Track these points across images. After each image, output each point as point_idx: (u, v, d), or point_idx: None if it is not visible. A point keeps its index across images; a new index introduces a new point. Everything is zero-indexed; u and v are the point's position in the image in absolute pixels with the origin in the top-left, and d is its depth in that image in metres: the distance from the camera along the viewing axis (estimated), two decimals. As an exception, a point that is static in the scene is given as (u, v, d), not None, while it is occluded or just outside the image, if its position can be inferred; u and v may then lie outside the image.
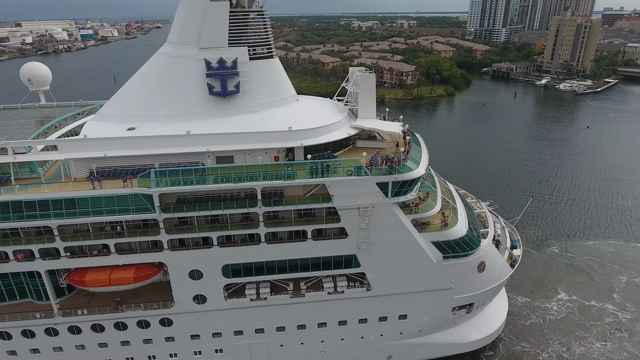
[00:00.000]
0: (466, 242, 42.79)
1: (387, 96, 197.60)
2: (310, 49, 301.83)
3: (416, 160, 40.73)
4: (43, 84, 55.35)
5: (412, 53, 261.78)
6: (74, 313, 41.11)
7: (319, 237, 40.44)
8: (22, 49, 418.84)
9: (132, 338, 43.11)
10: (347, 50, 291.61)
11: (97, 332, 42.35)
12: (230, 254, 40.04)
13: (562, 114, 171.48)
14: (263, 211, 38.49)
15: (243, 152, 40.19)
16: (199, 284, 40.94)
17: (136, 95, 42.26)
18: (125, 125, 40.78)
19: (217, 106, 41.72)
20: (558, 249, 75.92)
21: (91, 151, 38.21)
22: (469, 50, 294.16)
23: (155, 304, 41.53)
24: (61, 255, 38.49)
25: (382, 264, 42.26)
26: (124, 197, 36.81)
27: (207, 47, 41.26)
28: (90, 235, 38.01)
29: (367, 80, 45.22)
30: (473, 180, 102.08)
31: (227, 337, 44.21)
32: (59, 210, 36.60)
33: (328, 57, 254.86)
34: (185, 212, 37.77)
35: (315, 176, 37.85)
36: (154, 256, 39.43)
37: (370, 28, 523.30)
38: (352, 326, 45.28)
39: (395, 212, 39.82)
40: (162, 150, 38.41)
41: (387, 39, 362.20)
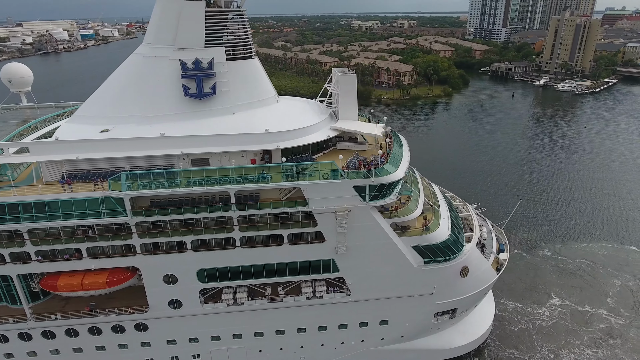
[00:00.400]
0: (448, 247, 41.96)
1: (384, 96, 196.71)
2: (309, 49, 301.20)
3: (395, 163, 39.93)
4: (24, 85, 54.81)
5: (411, 53, 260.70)
6: (48, 318, 40.45)
7: (295, 242, 39.67)
8: (22, 49, 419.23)
9: (107, 343, 42.45)
10: (346, 50, 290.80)
11: (71, 337, 41.70)
12: (205, 259, 39.32)
13: (559, 114, 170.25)
14: (237, 215, 37.75)
15: (219, 154, 39.44)
16: (174, 289, 40.23)
17: (111, 97, 41.56)
18: (100, 127, 40.10)
19: (192, 108, 40.98)
20: (550, 252, 74.93)
21: (63, 154, 37.54)
22: (468, 50, 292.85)
23: (130, 309, 40.82)
24: (32, 259, 37.84)
25: (361, 268, 41.46)
26: (94, 200, 36.12)
27: (182, 47, 40.52)
28: (61, 239, 37.34)
29: (347, 81, 44.46)
30: (464, 182, 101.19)
31: (204, 342, 43.49)
32: (29, 213, 35.94)
33: (326, 57, 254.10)
34: (157, 216, 37.06)
35: (291, 179, 37.07)
36: (127, 260, 38.73)
37: (370, 28, 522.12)
38: (332, 331, 44.50)
39: (373, 216, 39.02)
40: (135, 153, 37.73)
41: (386, 39, 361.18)
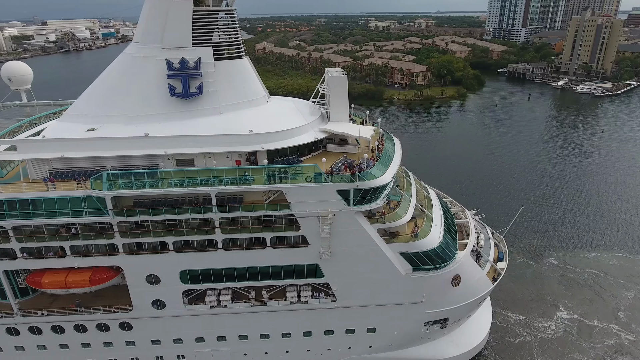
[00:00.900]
0: (438, 254, 40.61)
1: (396, 97, 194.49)
2: (323, 49, 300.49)
3: (383, 167, 38.80)
4: (24, 83, 55.65)
5: (426, 53, 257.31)
6: (34, 314, 40.83)
7: (278, 245, 39.00)
8: (45, 47, 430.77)
9: (92, 341, 42.62)
10: (360, 50, 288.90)
11: (57, 334, 41.99)
12: (188, 260, 39.00)
13: (577, 117, 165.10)
14: (219, 217, 37.28)
15: (203, 155, 39.04)
16: (157, 289, 40.05)
17: (100, 96, 41.62)
18: (88, 126, 40.17)
19: (178, 108, 40.67)
20: (557, 261, 72.26)
21: (49, 152, 37.71)
22: (485, 50, 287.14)
23: (114, 308, 40.86)
24: (17, 256, 38.18)
25: (346, 274, 40.51)
26: (77, 199, 36.15)
27: (169, 47, 40.27)
28: (45, 237, 37.55)
29: (338, 82, 43.45)
30: (470, 186, 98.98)
31: (189, 343, 43.25)
32: (14, 211, 36.23)
33: (339, 57, 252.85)
34: (139, 216, 36.88)
35: (273, 182, 36.38)
36: (110, 260, 38.73)
37: (387, 28, 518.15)
38: (318, 337, 43.69)
39: (358, 222, 38.01)
40: (119, 152, 37.63)
41: (402, 38, 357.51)
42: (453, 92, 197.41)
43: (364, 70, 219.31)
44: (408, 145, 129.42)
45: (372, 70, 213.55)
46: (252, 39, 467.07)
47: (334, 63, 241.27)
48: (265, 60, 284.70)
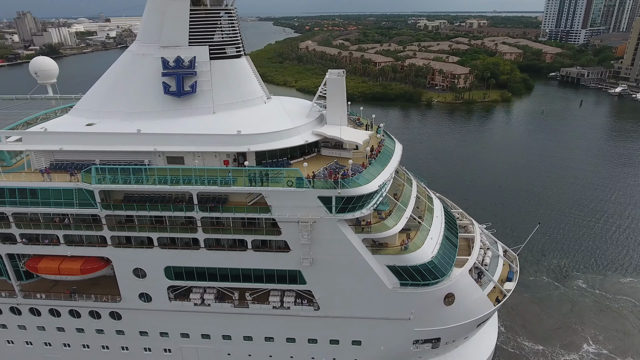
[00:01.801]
0: (428, 270, 38.26)
1: (435, 99, 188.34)
2: (366, 48, 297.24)
3: (371, 175, 37.01)
4: (49, 77, 58.93)
5: (472, 55, 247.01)
6: (34, 296, 43.08)
7: (260, 249, 38.42)
8: (105, 43, 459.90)
9: (85, 326, 44.33)
10: (403, 50, 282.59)
11: (54, 317, 44.06)
12: (172, 256, 39.41)
13: (633, 127, 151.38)
14: (200, 216, 37.32)
15: (192, 154, 39.24)
16: (144, 283, 40.85)
17: (102, 92, 43.06)
18: (89, 121, 41.68)
19: (172, 106, 41.16)
20: (586, 284, 66.49)
21: (49, 144, 39.50)
22: (537, 52, 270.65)
23: (105, 297, 42.22)
24: (17, 241, 40.39)
25: (329, 283, 39.20)
26: (69, 190, 37.56)
27: (166, 45, 40.83)
28: (41, 224, 39.42)
29: (335, 84, 42.05)
30: (494, 198, 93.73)
31: (174, 338, 43.84)
32: (13, 198, 38.30)
33: (380, 57, 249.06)
34: (124, 210, 37.74)
35: (254, 184, 35.83)
36: (99, 251, 39.99)
37: (436, 28, 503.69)
38: (301, 345, 42.72)
39: (341, 230, 36.57)
40: (112, 148, 38.63)
41: (450, 39, 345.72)
42: (496, 96, 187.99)
43: (404, 71, 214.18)
44: (437, 150, 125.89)
45: (412, 71, 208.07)
46: (297, 38, 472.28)
47: (375, 63, 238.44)
48: (307, 59, 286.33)
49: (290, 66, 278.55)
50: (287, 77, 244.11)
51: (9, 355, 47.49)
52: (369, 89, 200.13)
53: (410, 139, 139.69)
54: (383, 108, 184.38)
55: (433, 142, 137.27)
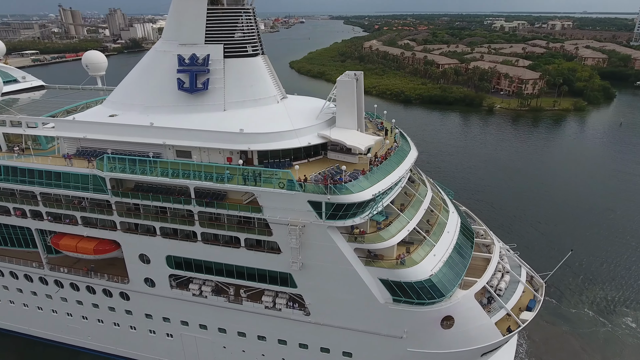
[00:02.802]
0: (424, 288, 35.91)
1: (497, 105, 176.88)
2: (431, 49, 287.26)
3: (367, 183, 35.40)
4: (99, 70, 64.01)
5: (547, 59, 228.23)
6: (57, 269, 47.16)
7: (253, 248, 38.55)
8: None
9: (99, 303, 47.64)
10: (471, 52, 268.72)
11: (74, 290, 47.92)
12: (172, 246, 40.88)
13: None
14: (197, 210, 38.29)
15: (199, 149, 40.31)
16: (148, 268, 42.89)
17: (127, 86, 45.77)
18: (114, 112, 44.51)
19: (185, 102, 42.55)
20: (636, 324, 58.68)
21: (75, 132, 42.82)
22: (625, 58, 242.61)
23: (115, 277, 45.02)
24: (44, 218, 44.40)
25: (320, 290, 38.31)
26: (85, 176, 40.44)
27: (184, 43, 42.33)
28: (62, 205, 42.93)
29: (345, 86, 40.79)
30: (539, 217, 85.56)
31: (175, 324, 45.60)
32: (41, 179, 42.11)
33: (444, 59, 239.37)
34: (131, 199, 39.83)
35: (246, 183, 35.95)
36: (110, 234, 42.64)
37: (514, 29, 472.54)
38: (292, 348, 42.32)
39: (331, 237, 35.49)
40: (126, 138, 40.83)
41: (527, 41, 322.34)
42: (568, 104, 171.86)
43: (467, 74, 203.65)
44: (489, 159, 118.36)
45: (475, 74, 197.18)
46: (364, 37, 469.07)
47: (437, 64, 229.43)
48: (368, 58, 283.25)
49: (351, 65, 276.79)
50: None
51: (39, 320, 52.54)
52: (427, 91, 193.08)
53: (462, 145, 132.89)
54: (441, 112, 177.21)
55: (487, 150, 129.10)
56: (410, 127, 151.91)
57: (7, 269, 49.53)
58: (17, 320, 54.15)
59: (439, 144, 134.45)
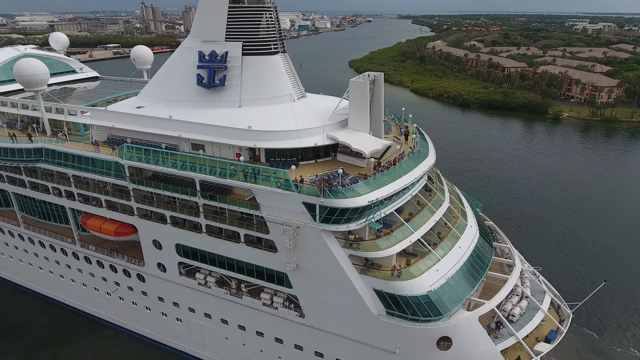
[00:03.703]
0: (420, 304, 33.98)
1: (565, 113, 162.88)
2: (499, 51, 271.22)
3: (366, 188, 34.13)
4: (145, 64, 68.07)
5: (630, 65, 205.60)
6: (86, 246, 51.09)
7: (251, 244, 38.89)
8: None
9: (120, 281, 50.90)
10: (543, 55, 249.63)
11: (99, 267, 51.65)
12: (181, 235, 42.44)
13: None
14: (202, 202, 39.37)
15: (211, 143, 41.47)
16: (160, 254, 44.98)
17: (157, 80, 48.19)
18: (142, 104, 47.12)
19: (203, 97, 43.85)
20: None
21: (106, 121, 45.95)
22: None
23: (134, 260, 47.79)
24: (76, 199, 48.24)
25: (314, 293, 37.77)
26: (109, 162, 43.27)
27: (206, 40, 43.66)
28: (90, 188, 46.31)
29: (358, 88, 39.67)
30: (583, 239, 77.06)
31: (184, 310, 47.43)
32: (73, 162, 45.75)
33: (511, 62, 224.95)
34: (145, 187, 41.94)
35: (246, 180, 36.28)
36: (128, 218, 45.26)
37: (598, 31, 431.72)
38: (288, 348, 42.21)
39: (324, 241, 34.75)
40: (147, 129, 43.09)
41: (610, 45, 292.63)
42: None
43: (534, 79, 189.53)
44: (543, 171, 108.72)
45: (543, 79, 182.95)
46: (429, 37, 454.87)
47: (503, 68, 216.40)
48: (430, 59, 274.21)
49: (411, 66, 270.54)
50: (404, 77, 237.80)
51: (71, 291, 57.39)
52: (488, 95, 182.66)
53: (519, 155, 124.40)
54: (500, 118, 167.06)
55: (547, 161, 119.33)
56: (463, 133, 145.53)
57: (47, 242, 54.58)
58: (54, 288, 59.63)
59: (492, 151, 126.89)
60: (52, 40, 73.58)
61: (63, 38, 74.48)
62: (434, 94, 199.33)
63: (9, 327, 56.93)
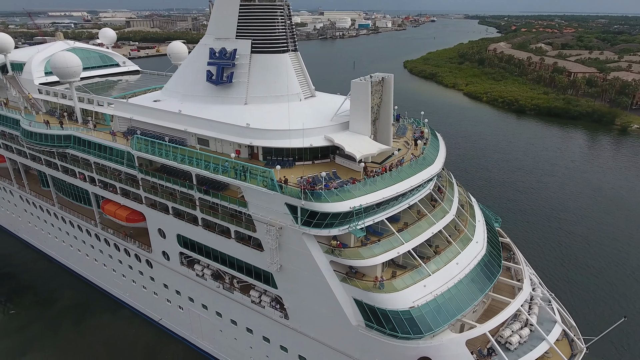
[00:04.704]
0: (399, 320, 32.18)
1: (635, 124, 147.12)
2: (567, 55, 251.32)
3: (347, 194, 32.85)
4: (179, 59, 70.55)
5: None
6: (105, 229, 54.41)
7: (241, 241, 39.10)
8: (309, 34, 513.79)
9: (133, 265, 53.65)
10: (618, 60, 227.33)
11: (116, 250, 54.80)
12: (181, 226, 43.74)
13: None
14: (198, 196, 40.25)
15: (214, 139, 42.33)
16: (164, 242, 46.74)
17: (177, 75, 50.05)
18: (162, 98, 49.13)
19: (212, 93, 44.76)
20: None
21: (125, 112, 48.53)
22: None
23: (144, 246, 50.13)
24: (96, 184, 51.49)
25: (296, 296, 37.26)
26: (122, 152, 45.64)
27: (219, 37, 44.53)
28: (107, 175, 49.16)
29: (359, 89, 38.36)
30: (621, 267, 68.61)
31: (184, 299, 48.98)
32: (93, 150, 48.83)
33: (578, 66, 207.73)
34: (151, 177, 43.69)
35: (237, 177, 36.49)
36: (137, 206, 47.50)
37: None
38: (274, 348, 42.08)
39: (305, 244, 34.03)
40: (159, 122, 44.90)
41: None
42: None
43: (602, 86, 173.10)
44: (597, 189, 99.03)
45: (613, 86, 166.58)
46: (494, 38, 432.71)
47: (569, 73, 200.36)
48: (489, 61, 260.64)
49: (468, 68, 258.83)
50: (459, 79, 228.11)
51: (94, 270, 61.55)
52: (547, 102, 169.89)
53: (572, 167, 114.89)
54: (559, 127, 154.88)
55: (605, 177, 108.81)
56: (513, 141, 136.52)
57: (75, 222, 58.91)
58: (80, 265, 64.33)
59: (542, 161, 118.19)
60: (102, 35, 79.18)
61: (111, 33, 79.83)
62: (488, 98, 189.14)
63: (40, 298, 62.32)
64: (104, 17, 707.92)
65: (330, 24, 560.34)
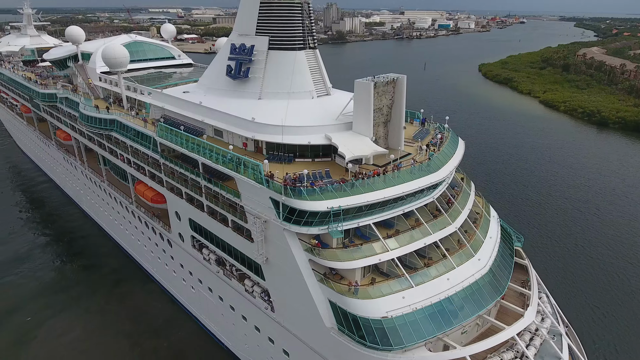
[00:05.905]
0: (369, 328, 31.24)
1: None
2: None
3: (328, 194, 32.54)
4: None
5: None
6: (138, 207, 59.39)
7: (237, 230, 40.49)
8: (385, 33, 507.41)
9: (158, 243, 57.98)
10: None
11: (146, 227, 59.58)
12: (191, 211, 46.41)
13: None
14: (203, 184, 42.43)
15: (227, 131, 44.33)
16: (179, 225, 49.92)
17: (208, 69, 53.05)
18: (192, 90, 52.39)
19: (230, 87, 46.80)
20: None
21: (159, 101, 52.59)
22: None
23: (165, 226, 53.98)
24: (132, 165, 56.38)
25: (280, 291, 37.84)
26: (150, 137, 49.45)
27: (241, 33, 46.41)
28: (138, 158, 53.59)
29: (361, 89, 37.76)
30: None
31: (195, 280, 51.92)
32: (129, 133, 53.48)
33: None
34: (169, 163, 46.87)
35: (232, 168, 37.87)
36: (160, 188, 51.21)
37: None
38: (263, 339, 43.06)
39: (286, 239, 34.37)
40: (182, 112, 48.16)
41: None
42: None
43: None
44: None
45: None
46: (588, 43, 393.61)
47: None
48: (575, 68, 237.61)
49: (549, 74, 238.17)
50: (536, 85, 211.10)
51: (131, 244, 67.43)
52: (636, 115, 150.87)
53: None
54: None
55: None
56: (588, 157, 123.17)
57: (117, 198, 65.01)
58: (121, 238, 70.85)
59: (612, 182, 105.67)
60: (163, 30, 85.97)
61: (171, 29, 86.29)
62: (565, 108, 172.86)
63: (88, 262, 69.96)
64: (195, 13, 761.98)
65: (409, 24, 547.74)
